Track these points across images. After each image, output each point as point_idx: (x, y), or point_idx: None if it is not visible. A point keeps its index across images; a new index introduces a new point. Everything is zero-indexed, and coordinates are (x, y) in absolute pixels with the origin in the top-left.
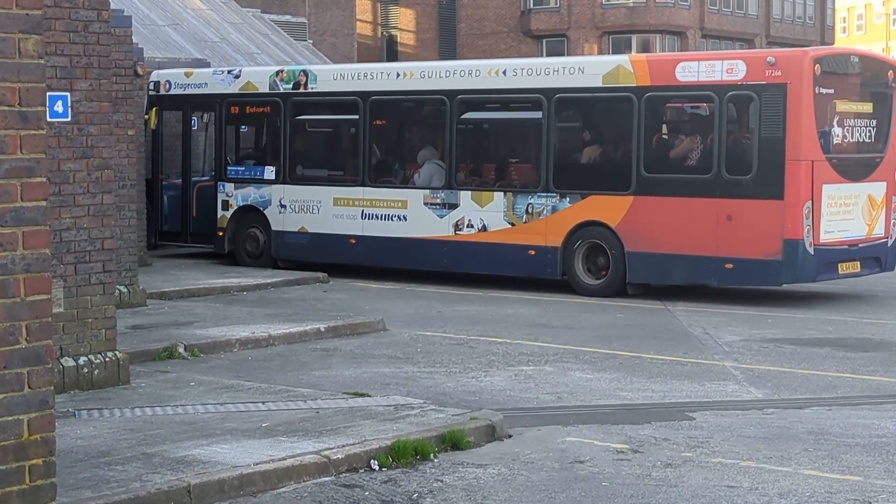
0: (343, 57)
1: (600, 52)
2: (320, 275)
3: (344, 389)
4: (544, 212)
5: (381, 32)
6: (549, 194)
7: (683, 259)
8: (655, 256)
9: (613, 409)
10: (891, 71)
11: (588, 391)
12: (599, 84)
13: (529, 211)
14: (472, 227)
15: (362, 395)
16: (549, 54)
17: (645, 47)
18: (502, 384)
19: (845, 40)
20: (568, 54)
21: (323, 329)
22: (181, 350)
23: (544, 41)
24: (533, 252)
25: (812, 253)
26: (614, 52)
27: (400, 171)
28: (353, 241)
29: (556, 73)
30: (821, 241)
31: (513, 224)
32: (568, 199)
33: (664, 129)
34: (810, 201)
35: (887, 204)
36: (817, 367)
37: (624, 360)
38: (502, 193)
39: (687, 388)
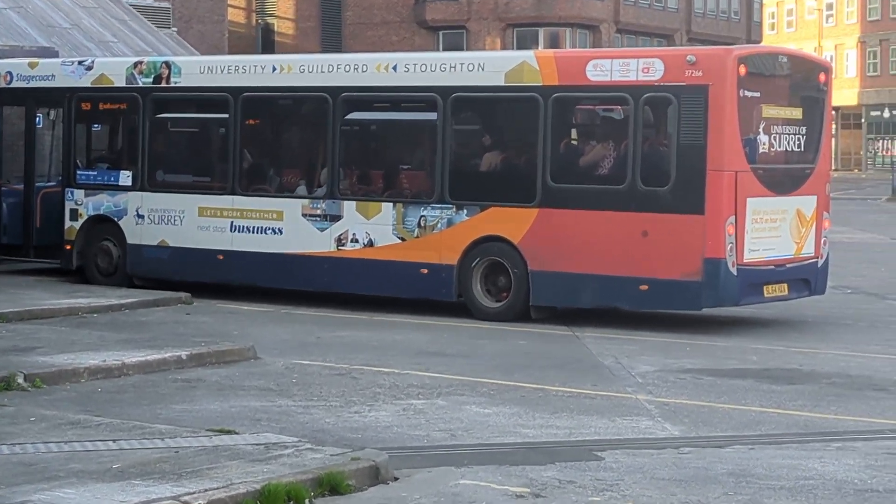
0: (212, 47)
1: (503, 47)
2: (183, 295)
3: (208, 426)
4: (439, 225)
5: (257, 20)
6: (444, 206)
7: (593, 279)
8: (562, 276)
9: (513, 448)
10: (823, 73)
11: (485, 428)
12: (502, 83)
13: (422, 224)
14: (356, 241)
15: (229, 432)
16: (447, 48)
17: (553, 42)
18: (389, 420)
19: (774, 38)
20: (467, 48)
21: (185, 357)
22: (20, 380)
23: (441, 33)
24: (425, 271)
25: (735, 274)
26: (519, 47)
27: (275, 177)
28: (221, 257)
29: (453, 69)
30: (745, 261)
31: (403, 239)
32: (465, 211)
33: (573, 133)
34: (733, 216)
35: (818, 220)
36: (739, 401)
37: (526, 392)
38: (391, 204)
39: (596, 425)
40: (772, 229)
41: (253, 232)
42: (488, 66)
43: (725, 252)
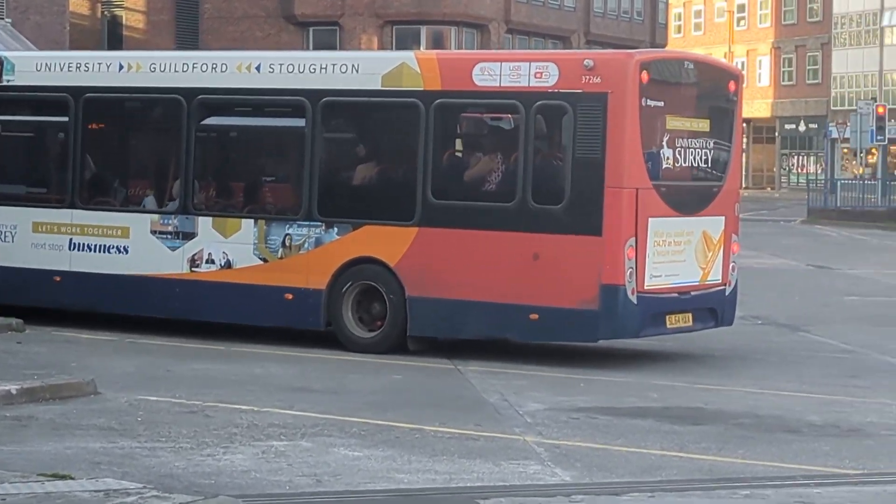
0: (51, 41)
1: (381, 47)
2: (13, 321)
3: (40, 470)
4: (306, 245)
5: (102, 11)
6: (312, 223)
7: (479, 307)
8: (444, 303)
9: (386, 496)
10: (733, 81)
11: (355, 473)
12: (378, 86)
13: (287, 244)
14: (212, 262)
15: (63, 477)
16: (318, 47)
17: (437, 42)
18: (246, 464)
19: (680, 42)
20: (341, 47)
21: (14, 392)
22: None
23: (311, 30)
24: (290, 296)
25: (635, 302)
26: (398, 48)
27: (121, 189)
28: (59, 279)
29: (323, 70)
30: (646, 288)
31: (266, 260)
32: (336, 229)
33: (458, 144)
34: (634, 238)
35: (725, 243)
36: (638, 443)
37: (401, 433)
38: (252, 221)
39: (479, 469)
40: (675, 253)
41: (95, 251)
42: (363, 67)
43: (625, 278)
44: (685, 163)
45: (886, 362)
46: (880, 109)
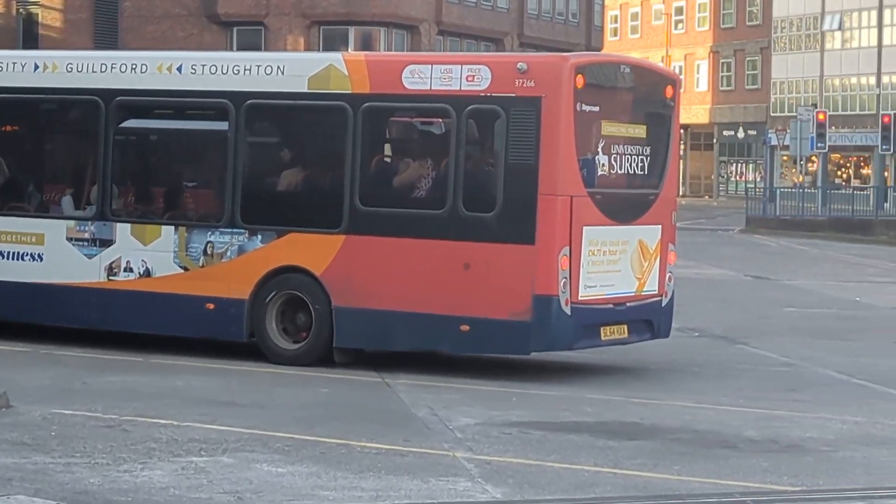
0: None
1: (308, 48)
2: None
3: None
4: (228, 253)
5: (18, 9)
6: (235, 230)
7: (408, 318)
8: (372, 314)
9: None
10: (670, 86)
11: (278, 490)
12: (304, 89)
13: (209, 252)
14: (131, 271)
15: None
16: (242, 47)
17: (366, 44)
18: (165, 480)
19: (617, 46)
20: (266, 48)
21: None
22: None
23: (235, 30)
24: (212, 306)
25: (569, 313)
26: (326, 49)
27: (35, 194)
28: None
29: (247, 72)
30: (580, 299)
31: (186, 268)
32: (260, 237)
33: (387, 150)
34: (568, 247)
35: (662, 253)
36: (572, 459)
37: (327, 448)
38: (173, 228)
39: (406, 486)
40: (610, 263)
41: (7, 258)
42: (289, 69)
43: (558, 288)
44: (621, 170)
45: (827, 376)
46: (821, 116)
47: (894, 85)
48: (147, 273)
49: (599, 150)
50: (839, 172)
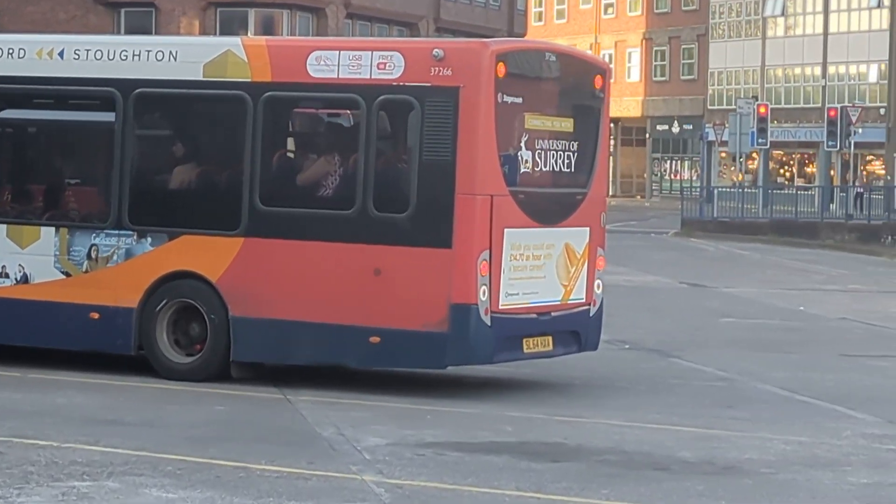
0: None
1: (203, 32)
2: None
3: None
4: (115, 257)
5: None
6: (122, 232)
7: (312, 329)
8: (273, 325)
9: None
10: (599, 76)
11: None
12: (199, 77)
13: (93, 255)
14: (6, 277)
15: None
16: (131, 31)
17: (267, 28)
18: None
19: (541, 32)
20: (157, 32)
21: None
22: None
23: (123, 12)
24: (97, 315)
25: (489, 324)
26: (223, 33)
27: None
28: None
29: (136, 57)
30: (500, 308)
31: (68, 274)
32: (150, 239)
33: (290, 144)
34: (488, 251)
35: (590, 258)
36: (491, 482)
37: (223, 472)
38: (53, 230)
39: None
40: (534, 268)
41: None
42: (183, 55)
43: (477, 296)
44: (546, 167)
45: (767, 392)
46: (762, 109)
47: (841, 76)
48: (25, 279)
49: (522, 145)
50: (782, 171)
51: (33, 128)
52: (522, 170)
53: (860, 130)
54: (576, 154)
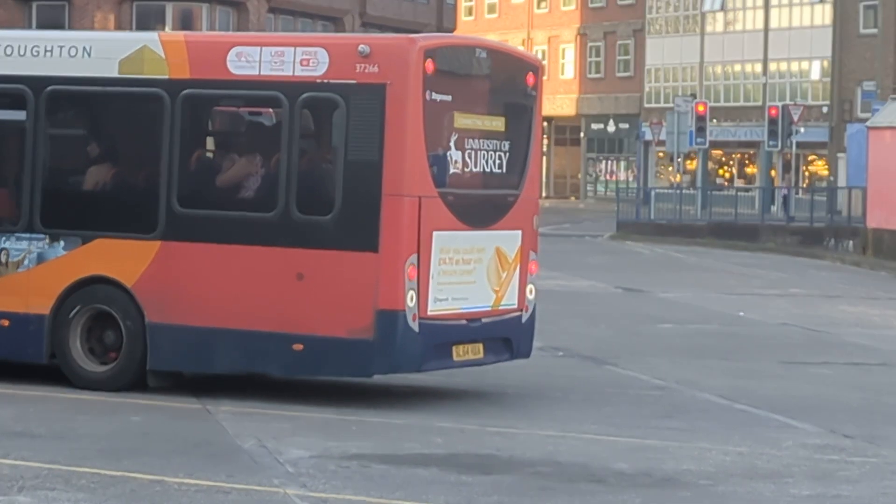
0: None
1: (119, 27)
2: None
3: None
4: (26, 262)
5: None
6: (33, 236)
7: (232, 336)
8: (191, 332)
9: None
10: (531, 73)
11: None
12: (115, 73)
13: (3, 260)
14: None
15: None
16: (43, 25)
17: (186, 22)
18: None
19: (472, 27)
20: (70, 26)
21: None
22: None
23: (35, 5)
24: (6, 322)
25: (417, 330)
26: (139, 28)
27: None
28: None
29: (48, 53)
30: (429, 314)
31: None
32: (62, 243)
33: (209, 143)
34: (416, 255)
35: (522, 262)
36: (420, 495)
37: (139, 485)
38: None
39: None
40: (464, 273)
41: None
42: (97, 50)
43: (404, 302)
44: (476, 168)
45: (705, 400)
46: (700, 107)
47: (782, 73)
48: None
49: (452, 145)
50: (721, 171)
51: None
52: (452, 170)
53: (802, 130)
54: (507, 154)
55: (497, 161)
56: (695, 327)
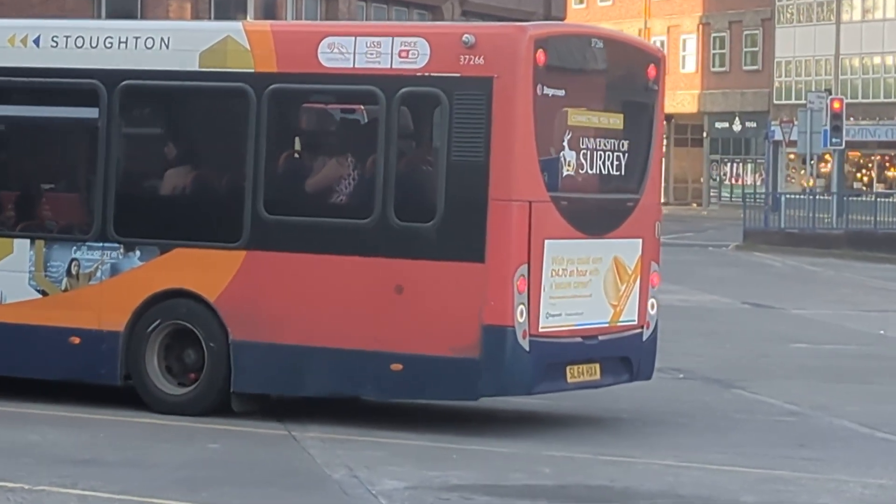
0: None
1: (196, 16)
2: None
3: None
4: (99, 273)
5: None
6: (107, 245)
7: (324, 355)
8: (279, 350)
9: None
10: (653, 65)
11: None
12: (195, 67)
13: (74, 272)
14: None
15: None
16: (114, 14)
17: (269, 11)
18: None
19: (583, 15)
20: (143, 16)
21: None
22: None
23: None
24: (77, 340)
25: (527, 349)
26: (219, 17)
27: None
28: None
29: (123, 45)
30: (541, 331)
31: (45, 293)
32: (138, 253)
33: (299, 143)
34: (526, 265)
35: (642, 274)
36: None
37: None
38: (28, 242)
39: None
40: (579, 285)
41: None
42: (176, 41)
43: (514, 317)
44: (592, 169)
45: (843, 428)
46: (836, 104)
47: None
48: None
49: (565, 144)
50: (859, 175)
51: (4, 126)
52: (565, 172)
53: None
54: (626, 155)
55: (615, 162)
56: (831, 347)
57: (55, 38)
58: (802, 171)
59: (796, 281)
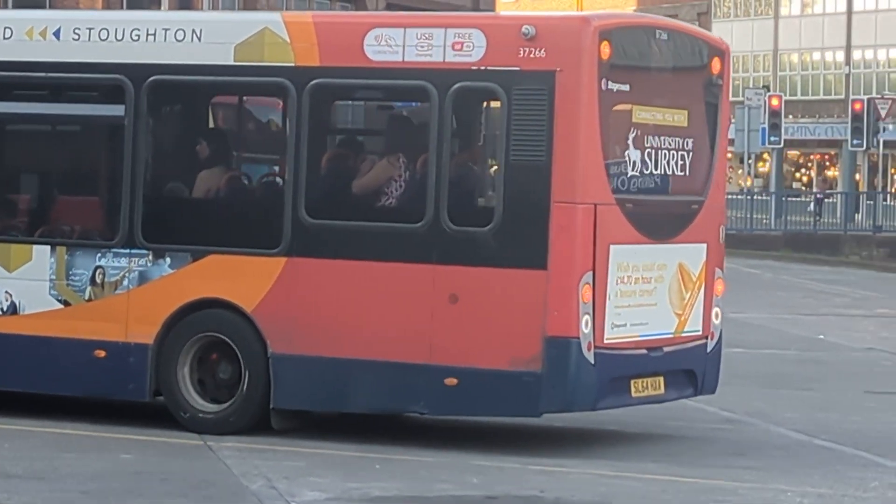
0: None
1: (231, 6)
2: None
3: None
4: (126, 282)
5: None
6: (134, 251)
7: (372, 369)
8: (322, 364)
9: None
10: (717, 57)
11: None
12: (230, 61)
13: (98, 280)
14: None
15: None
16: (134, 6)
17: (183, 5)
18: None
19: (510, 9)
20: (173, 7)
21: None
22: None
23: None
24: (102, 353)
25: (592, 361)
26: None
27: None
28: None
29: (151, 37)
30: (606, 342)
31: (67, 303)
32: (169, 260)
33: (343, 143)
34: (591, 273)
35: (707, 281)
36: None
37: None
38: (49, 248)
39: None
40: (644, 293)
41: None
42: (209, 33)
43: (579, 328)
44: (657, 170)
45: (781, 435)
46: (774, 101)
47: (868, 62)
48: (13, 309)
49: (630, 143)
50: (798, 174)
51: (23, 124)
52: (631, 173)
53: (890, 127)
54: (690, 154)
55: (679, 162)
56: (769, 352)
57: (77, 31)
58: (740, 171)
59: (733, 283)
